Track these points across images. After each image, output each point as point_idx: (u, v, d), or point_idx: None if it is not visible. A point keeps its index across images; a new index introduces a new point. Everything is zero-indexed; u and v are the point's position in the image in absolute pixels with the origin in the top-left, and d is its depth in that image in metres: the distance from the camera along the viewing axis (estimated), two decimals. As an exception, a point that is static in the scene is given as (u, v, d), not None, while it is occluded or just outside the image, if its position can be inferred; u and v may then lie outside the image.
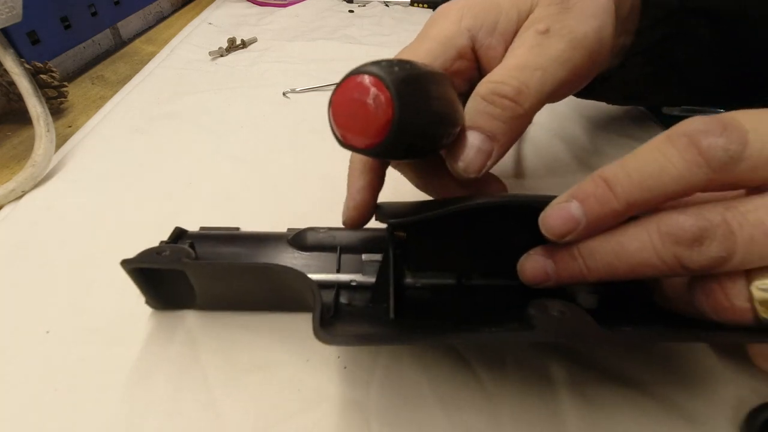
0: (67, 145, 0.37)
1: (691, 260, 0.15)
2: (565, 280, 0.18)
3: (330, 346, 0.19)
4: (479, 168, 0.19)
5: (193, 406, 0.20)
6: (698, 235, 0.15)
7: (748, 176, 0.15)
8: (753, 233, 0.15)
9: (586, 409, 0.20)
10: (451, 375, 0.22)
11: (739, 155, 0.15)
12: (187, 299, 0.23)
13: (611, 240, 0.17)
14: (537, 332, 0.15)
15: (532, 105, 0.19)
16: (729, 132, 0.15)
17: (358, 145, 0.15)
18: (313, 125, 0.41)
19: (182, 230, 0.25)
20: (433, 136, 0.17)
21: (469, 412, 0.20)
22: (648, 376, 0.21)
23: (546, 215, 0.18)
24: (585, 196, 0.17)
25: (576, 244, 0.18)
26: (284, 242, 0.25)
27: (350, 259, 0.24)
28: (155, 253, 0.21)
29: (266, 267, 0.21)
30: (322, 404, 0.20)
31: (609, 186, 0.16)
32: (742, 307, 0.16)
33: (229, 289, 0.23)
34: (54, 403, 0.20)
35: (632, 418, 0.20)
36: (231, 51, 0.56)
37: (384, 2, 0.79)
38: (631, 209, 0.16)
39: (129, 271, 0.21)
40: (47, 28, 0.47)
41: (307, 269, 0.22)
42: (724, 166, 0.15)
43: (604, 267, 0.17)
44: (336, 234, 0.25)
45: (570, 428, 0.20)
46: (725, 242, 0.15)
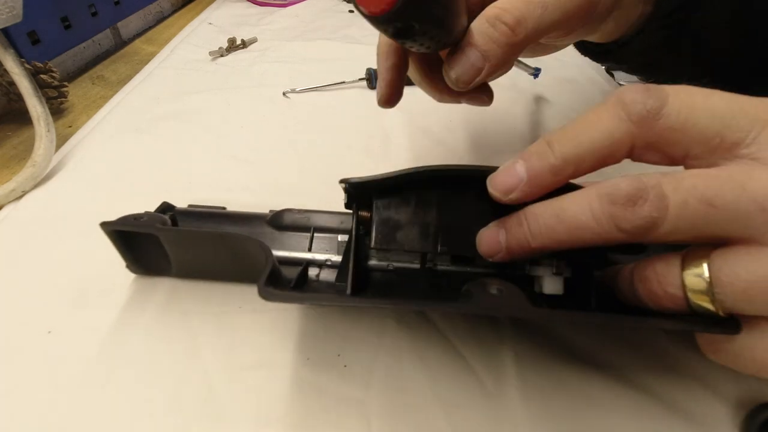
0: (67, 145, 0.37)
1: (625, 219, 0.16)
2: (514, 249, 0.19)
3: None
4: (469, 80, 0.22)
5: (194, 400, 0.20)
6: (632, 194, 0.16)
7: (670, 136, 0.16)
8: (686, 198, 0.15)
9: (587, 409, 0.20)
10: (451, 374, 0.22)
11: (656, 111, 0.16)
12: (165, 267, 0.24)
13: (554, 203, 0.18)
14: (475, 305, 0.17)
15: (527, 36, 0.21)
16: (650, 92, 0.16)
17: (370, 9, 0.17)
18: (313, 125, 0.41)
19: (169, 205, 0.27)
20: (434, 24, 0.19)
21: (469, 411, 0.20)
22: (649, 377, 0.22)
23: (493, 175, 0.19)
24: (529, 155, 0.18)
25: (523, 210, 0.18)
26: (263, 222, 0.26)
27: (327, 240, 0.26)
28: (133, 218, 0.23)
29: (226, 235, 0.23)
30: (322, 402, 0.20)
31: (549, 144, 0.18)
32: (675, 294, 0.16)
33: (198, 258, 0.24)
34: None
35: (633, 418, 0.20)
36: (231, 51, 0.57)
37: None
38: (568, 165, 0.17)
39: (108, 233, 0.22)
40: (47, 28, 0.47)
41: (280, 246, 0.24)
42: (643, 119, 0.16)
43: (546, 230, 0.17)
44: (311, 215, 0.26)
45: (570, 428, 0.20)
46: (657, 203, 0.15)
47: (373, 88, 0.48)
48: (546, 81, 0.51)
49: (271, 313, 0.24)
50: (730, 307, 0.16)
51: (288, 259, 0.25)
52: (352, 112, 0.44)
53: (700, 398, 0.21)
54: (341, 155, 0.37)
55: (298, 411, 0.20)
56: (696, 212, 0.15)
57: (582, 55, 0.36)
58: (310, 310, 0.24)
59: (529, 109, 0.45)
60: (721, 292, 0.15)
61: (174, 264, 0.24)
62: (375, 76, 0.47)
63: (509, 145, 0.39)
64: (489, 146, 0.39)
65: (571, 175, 0.18)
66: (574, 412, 0.20)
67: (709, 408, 0.20)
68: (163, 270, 0.25)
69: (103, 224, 0.22)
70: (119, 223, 0.22)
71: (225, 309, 0.24)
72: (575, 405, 0.21)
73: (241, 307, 0.24)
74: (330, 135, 0.40)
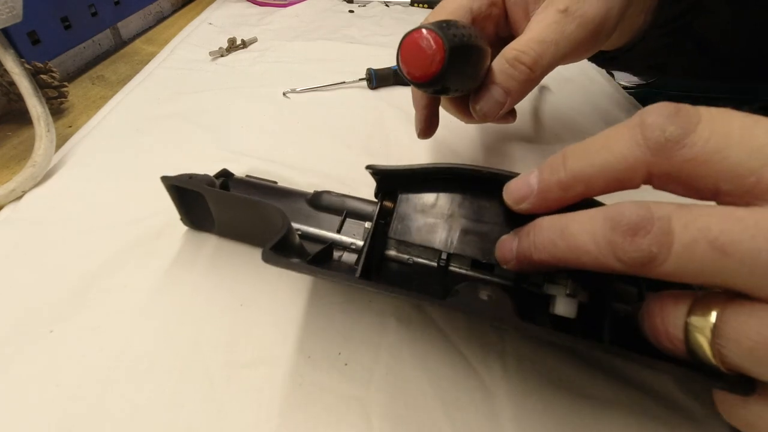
0: (67, 145, 0.37)
1: (623, 250, 0.14)
2: (521, 260, 0.18)
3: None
4: (494, 114, 0.25)
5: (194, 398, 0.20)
6: (635, 224, 0.14)
7: (692, 168, 0.14)
8: (696, 237, 0.13)
9: (588, 408, 0.20)
10: (452, 374, 0.22)
11: (677, 139, 0.14)
12: (210, 224, 0.27)
13: (560, 219, 0.17)
14: (459, 305, 0.17)
15: (543, 72, 0.24)
16: (676, 116, 0.14)
17: (415, 77, 0.21)
18: (313, 125, 0.41)
19: (227, 171, 0.29)
20: (465, 84, 0.24)
21: (469, 410, 0.20)
22: (649, 376, 0.22)
23: (510, 181, 0.19)
24: (544, 167, 0.18)
25: (534, 221, 0.18)
26: (303, 200, 0.28)
27: (357, 226, 0.27)
28: (188, 177, 0.25)
29: (252, 200, 0.24)
30: (323, 400, 0.20)
31: (563, 157, 0.17)
32: (674, 335, 0.15)
33: (234, 220, 0.26)
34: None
35: (633, 417, 0.20)
36: (231, 51, 0.57)
37: (384, 2, 0.79)
38: (577, 183, 0.16)
39: (167, 187, 0.26)
40: (47, 28, 0.47)
41: (313, 224, 0.26)
42: (660, 147, 0.14)
43: (548, 245, 0.17)
44: (346, 200, 0.28)
45: (571, 427, 0.20)
46: (659, 237, 0.14)
47: (373, 88, 0.48)
48: (547, 81, 0.51)
49: (272, 311, 0.24)
50: (735, 364, 0.14)
51: (316, 236, 0.26)
52: (352, 112, 0.44)
53: (700, 398, 0.21)
54: (341, 155, 0.37)
55: (299, 409, 0.20)
56: (704, 257, 0.13)
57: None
58: (311, 307, 0.24)
59: (530, 107, 0.45)
60: (725, 347, 0.14)
61: (216, 223, 0.27)
62: (375, 76, 0.47)
63: (509, 146, 0.40)
64: (489, 146, 0.39)
65: (581, 194, 0.17)
66: (574, 411, 0.20)
67: (709, 408, 0.20)
68: (209, 227, 0.28)
69: (163, 178, 0.25)
70: (175, 179, 0.25)
71: (226, 306, 0.24)
72: (576, 404, 0.21)
73: (243, 304, 0.24)
74: (330, 135, 0.40)
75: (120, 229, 0.29)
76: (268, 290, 0.25)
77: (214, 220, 0.27)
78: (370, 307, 0.24)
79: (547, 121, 0.43)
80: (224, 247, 0.28)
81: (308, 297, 0.25)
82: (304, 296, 0.25)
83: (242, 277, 0.26)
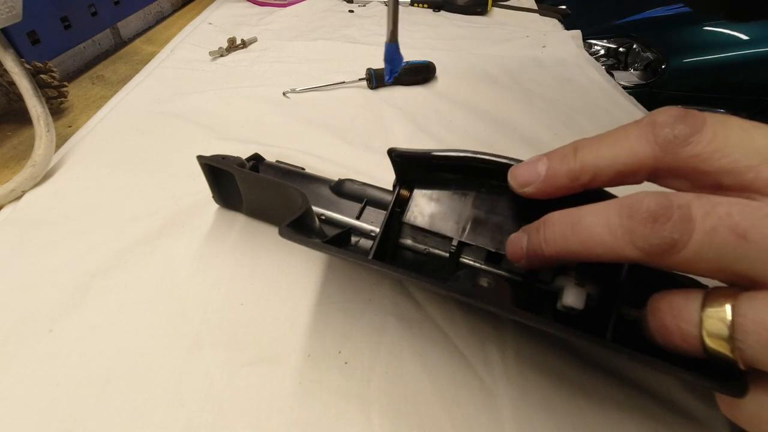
0: (67, 144, 0.37)
1: (642, 236, 0.15)
2: (531, 256, 0.18)
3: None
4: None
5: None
6: (655, 212, 0.14)
7: (695, 164, 0.15)
8: (717, 225, 0.14)
9: (588, 407, 0.20)
10: (452, 372, 0.22)
11: (685, 137, 0.15)
12: (239, 204, 0.29)
13: (573, 212, 0.17)
14: (457, 288, 0.17)
15: None
16: (684, 118, 0.16)
17: None
18: (312, 125, 0.41)
19: (259, 156, 0.31)
20: None
21: (469, 408, 0.20)
22: (649, 376, 0.22)
23: (516, 165, 0.19)
24: (554, 154, 0.18)
25: (544, 216, 0.18)
26: (327, 186, 0.29)
27: (375, 214, 0.28)
28: (221, 157, 0.27)
29: (274, 182, 0.26)
30: (323, 398, 0.20)
31: (574, 148, 0.18)
32: (688, 332, 0.15)
33: (260, 200, 0.28)
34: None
35: (633, 416, 0.20)
36: (231, 51, 0.57)
37: (384, 2, 0.79)
38: (585, 173, 0.17)
39: (202, 165, 0.27)
40: (47, 28, 0.47)
41: (334, 209, 0.27)
42: (669, 143, 0.15)
43: (560, 239, 0.17)
44: (367, 189, 0.29)
45: (570, 427, 0.20)
46: (681, 224, 0.14)
47: (373, 88, 0.48)
48: (547, 81, 0.51)
49: (272, 310, 0.24)
50: (752, 358, 0.14)
51: (336, 220, 0.27)
52: (352, 112, 0.44)
53: (700, 398, 0.21)
54: (341, 155, 0.37)
55: (299, 407, 0.20)
56: (725, 243, 0.14)
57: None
58: (311, 306, 0.24)
59: (530, 108, 0.45)
60: (743, 340, 0.14)
61: (244, 203, 0.28)
62: (375, 76, 0.47)
63: (509, 146, 0.40)
64: (488, 147, 0.39)
65: (587, 184, 0.17)
66: (574, 410, 0.20)
67: (709, 408, 0.20)
68: (237, 206, 0.29)
69: (198, 157, 0.27)
70: (209, 159, 0.26)
71: (226, 305, 0.24)
72: (575, 404, 0.21)
73: (243, 303, 0.24)
74: (330, 135, 0.40)
75: (120, 228, 0.29)
76: (268, 289, 0.25)
77: (243, 200, 0.28)
78: (369, 305, 0.25)
79: (547, 121, 0.43)
80: (224, 247, 0.28)
81: (308, 296, 0.25)
82: (304, 295, 0.25)
83: (242, 277, 0.26)
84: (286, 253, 0.27)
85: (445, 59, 0.53)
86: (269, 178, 0.26)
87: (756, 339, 0.14)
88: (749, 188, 0.15)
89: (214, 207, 0.30)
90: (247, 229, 0.29)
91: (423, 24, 0.69)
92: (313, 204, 0.26)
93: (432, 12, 0.76)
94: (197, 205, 0.31)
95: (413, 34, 0.65)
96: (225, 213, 0.30)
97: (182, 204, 0.31)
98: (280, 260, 0.27)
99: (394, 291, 0.25)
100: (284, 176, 0.30)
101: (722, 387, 0.14)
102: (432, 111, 0.44)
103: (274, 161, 0.31)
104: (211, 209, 0.30)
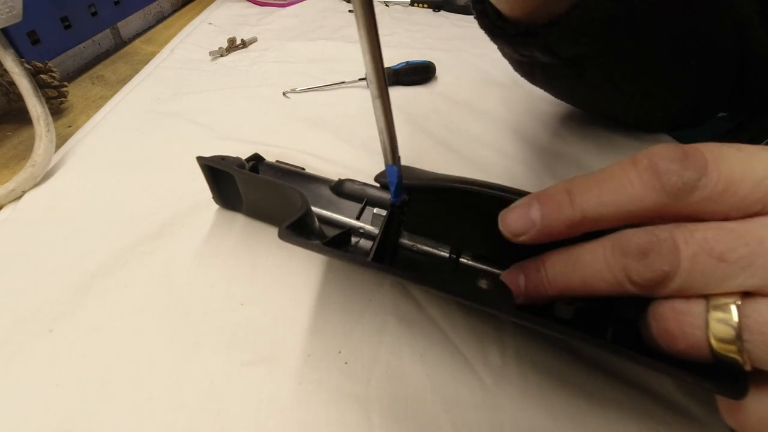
0: (67, 144, 0.37)
1: (637, 272, 0.15)
2: (532, 293, 0.19)
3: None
4: None
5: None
6: (644, 247, 0.15)
7: (705, 207, 0.15)
8: (696, 251, 0.14)
9: (588, 408, 0.20)
10: (452, 372, 0.22)
11: (694, 183, 0.15)
12: (239, 204, 0.29)
13: (571, 252, 0.17)
14: (457, 291, 0.17)
15: None
16: (688, 160, 0.15)
17: None
18: (312, 125, 0.41)
19: (259, 156, 0.31)
20: None
21: (469, 408, 0.20)
22: (649, 376, 0.22)
23: (506, 212, 0.18)
24: (547, 200, 0.17)
25: (541, 257, 0.18)
26: (327, 186, 0.29)
27: (378, 214, 0.27)
28: (221, 158, 0.27)
29: (273, 182, 0.26)
30: (323, 398, 0.20)
31: (569, 193, 0.17)
32: (694, 335, 0.15)
33: (260, 201, 0.28)
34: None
35: (633, 417, 0.20)
36: (231, 51, 0.57)
37: (384, 2, 0.79)
38: (586, 221, 0.17)
39: (201, 166, 0.27)
40: (47, 28, 0.47)
41: (334, 209, 0.27)
42: (679, 192, 0.15)
43: (562, 278, 0.17)
44: (367, 189, 0.29)
45: (570, 427, 0.20)
46: (669, 256, 0.15)
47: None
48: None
49: (272, 310, 0.24)
50: (759, 359, 0.14)
51: (336, 221, 0.27)
52: (352, 112, 0.44)
53: (700, 399, 0.21)
54: (341, 155, 0.37)
55: (299, 407, 0.20)
56: (707, 266, 0.14)
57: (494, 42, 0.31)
58: (311, 306, 0.24)
59: (530, 108, 0.45)
60: (750, 341, 0.14)
61: (244, 203, 0.28)
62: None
63: (509, 145, 0.40)
64: (489, 146, 0.39)
65: (587, 230, 0.17)
66: (574, 410, 0.20)
67: (709, 408, 0.20)
68: (237, 207, 0.29)
69: (198, 158, 0.27)
70: (209, 160, 0.27)
71: (226, 305, 0.24)
72: (575, 403, 0.21)
73: (243, 303, 0.24)
74: (330, 135, 0.40)
75: (120, 228, 0.29)
76: (268, 289, 0.25)
77: (243, 201, 0.28)
78: (369, 306, 0.24)
79: (547, 120, 0.43)
80: (224, 247, 0.28)
81: (308, 296, 0.25)
82: (304, 295, 0.25)
83: (242, 277, 0.26)
84: (286, 253, 0.27)
85: (445, 59, 0.53)
86: (269, 179, 0.26)
87: (762, 339, 0.14)
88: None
89: (214, 207, 0.30)
90: (247, 229, 0.29)
91: (423, 24, 0.69)
92: (313, 204, 0.26)
93: (432, 12, 0.76)
94: (197, 205, 0.31)
95: (413, 34, 0.65)
96: (225, 213, 0.30)
97: (182, 204, 0.31)
98: (280, 260, 0.27)
99: (394, 291, 0.25)
100: (284, 176, 0.30)
101: (722, 389, 0.14)
102: (432, 111, 0.44)
103: (274, 161, 0.31)
104: (211, 209, 0.30)
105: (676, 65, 0.31)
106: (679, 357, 0.16)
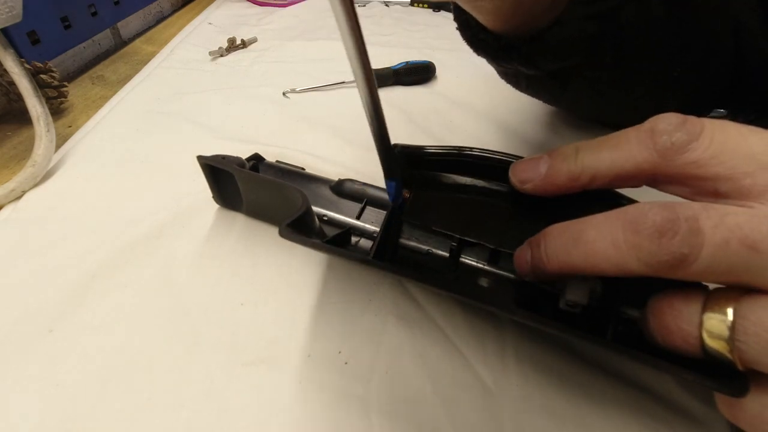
0: (67, 144, 0.37)
1: (650, 253, 0.14)
2: (535, 270, 0.19)
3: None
4: None
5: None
6: (661, 226, 0.14)
7: (691, 170, 0.16)
8: (727, 237, 0.13)
9: (587, 407, 0.20)
10: (452, 372, 0.22)
11: (683, 145, 0.16)
12: (239, 204, 0.29)
13: (574, 225, 0.17)
14: (458, 289, 0.17)
15: None
16: (683, 125, 0.16)
17: None
18: (312, 125, 0.41)
19: (259, 156, 0.31)
20: None
21: (469, 408, 0.20)
22: (649, 376, 0.22)
23: (517, 163, 0.20)
24: (555, 154, 0.19)
25: (544, 230, 0.18)
26: (327, 186, 0.29)
27: (376, 213, 0.28)
28: (221, 157, 0.27)
29: (274, 181, 0.26)
30: (323, 398, 0.20)
31: (576, 149, 0.18)
32: (688, 331, 0.15)
33: (260, 200, 0.28)
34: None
35: (633, 416, 0.20)
36: (231, 51, 0.57)
37: (384, 2, 0.79)
38: (584, 175, 0.18)
39: (202, 165, 0.27)
40: (47, 28, 0.47)
41: (334, 209, 0.27)
42: (667, 152, 0.16)
43: (562, 254, 0.17)
44: (367, 189, 0.29)
45: (571, 427, 0.20)
46: (690, 238, 0.14)
47: (372, 88, 0.48)
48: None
49: (272, 310, 0.24)
50: (752, 359, 0.14)
51: (337, 220, 0.27)
52: (352, 112, 0.44)
53: (700, 398, 0.21)
54: (341, 155, 0.37)
55: (299, 407, 0.20)
56: (736, 255, 0.13)
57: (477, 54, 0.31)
58: (310, 306, 0.24)
59: (530, 108, 0.45)
60: (744, 342, 0.14)
61: (244, 202, 0.28)
62: (374, 75, 0.47)
63: (509, 146, 0.39)
64: (488, 146, 0.39)
65: (585, 185, 0.18)
66: (574, 410, 0.20)
67: (709, 408, 0.20)
68: (237, 206, 0.29)
69: (198, 157, 0.27)
70: (209, 159, 0.27)
71: (226, 305, 0.24)
72: (575, 403, 0.21)
73: (243, 304, 0.24)
74: (330, 135, 0.40)
75: (120, 228, 0.29)
76: (268, 289, 0.25)
77: (243, 200, 0.28)
78: (369, 305, 0.24)
79: (547, 120, 0.43)
80: (224, 247, 0.28)
81: (308, 296, 0.25)
82: (304, 295, 0.25)
83: (242, 277, 0.26)
84: (286, 253, 0.27)
85: (444, 59, 0.53)
86: (269, 178, 0.26)
87: (756, 340, 0.14)
88: (747, 195, 0.15)
89: (214, 207, 0.30)
90: (247, 229, 0.29)
91: (423, 24, 0.69)
92: (313, 204, 0.26)
93: (432, 12, 0.76)
94: (197, 205, 0.31)
95: (413, 34, 0.65)
96: (225, 213, 0.30)
97: (182, 204, 0.31)
98: (280, 260, 0.27)
99: (395, 291, 0.25)
100: (284, 176, 0.30)
101: (723, 387, 0.14)
102: (432, 111, 0.44)
103: (274, 161, 0.31)
104: (211, 209, 0.30)
105: (665, 75, 0.31)
106: (675, 353, 0.16)
